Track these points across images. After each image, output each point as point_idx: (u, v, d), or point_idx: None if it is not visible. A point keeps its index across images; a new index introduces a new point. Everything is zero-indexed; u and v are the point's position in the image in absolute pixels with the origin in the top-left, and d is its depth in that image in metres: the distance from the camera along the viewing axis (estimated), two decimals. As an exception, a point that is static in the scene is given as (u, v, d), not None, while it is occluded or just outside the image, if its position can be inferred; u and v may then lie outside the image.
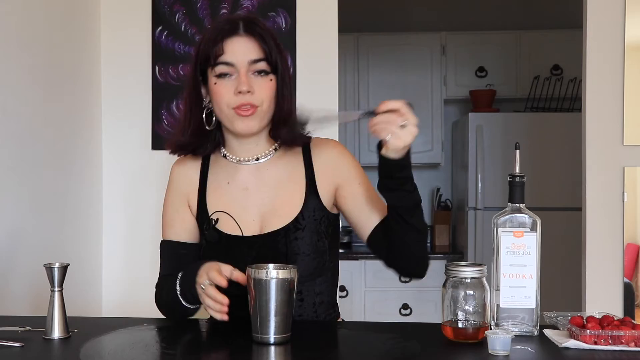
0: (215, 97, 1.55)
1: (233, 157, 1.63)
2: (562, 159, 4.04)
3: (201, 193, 1.64)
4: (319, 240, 1.58)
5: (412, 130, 1.37)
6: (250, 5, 2.76)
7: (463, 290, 1.33)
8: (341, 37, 2.89)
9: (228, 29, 1.54)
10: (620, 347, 1.27)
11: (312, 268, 1.57)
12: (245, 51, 1.53)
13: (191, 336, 1.47)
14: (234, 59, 1.53)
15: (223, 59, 1.53)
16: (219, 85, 1.54)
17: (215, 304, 1.39)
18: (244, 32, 1.54)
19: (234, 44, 1.53)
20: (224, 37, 1.53)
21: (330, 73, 2.77)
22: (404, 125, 1.36)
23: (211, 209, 1.61)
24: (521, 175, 1.40)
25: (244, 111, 1.53)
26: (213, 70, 1.54)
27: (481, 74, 4.57)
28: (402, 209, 1.48)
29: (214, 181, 1.64)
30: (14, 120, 2.14)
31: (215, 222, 1.60)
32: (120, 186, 2.83)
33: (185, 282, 1.50)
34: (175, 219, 1.66)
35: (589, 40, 2.70)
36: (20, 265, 2.14)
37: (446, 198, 4.81)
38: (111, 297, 2.82)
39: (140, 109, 2.81)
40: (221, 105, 1.55)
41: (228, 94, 1.53)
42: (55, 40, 2.43)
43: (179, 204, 1.66)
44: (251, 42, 1.54)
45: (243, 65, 1.53)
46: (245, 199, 1.61)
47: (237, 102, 1.52)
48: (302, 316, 1.59)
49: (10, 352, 1.31)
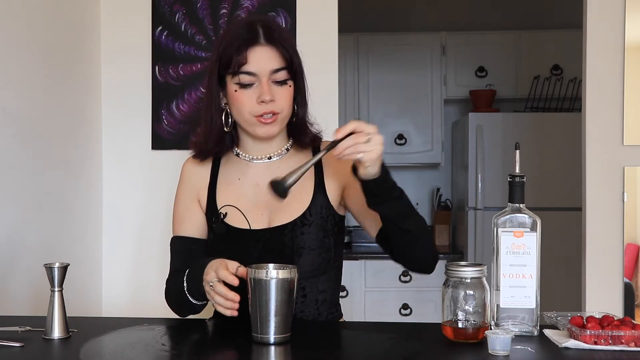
0: (236, 104, 1.58)
1: (246, 155, 1.66)
2: (562, 159, 4.04)
3: (211, 189, 1.67)
4: (325, 237, 1.60)
5: (377, 139, 1.39)
6: (250, 5, 2.76)
7: (463, 290, 1.33)
8: (341, 37, 2.89)
9: (250, 37, 1.55)
10: (620, 347, 1.27)
11: (317, 264, 1.59)
12: (267, 61, 1.55)
13: (191, 336, 1.47)
14: (256, 69, 1.55)
15: (246, 68, 1.55)
16: (240, 94, 1.56)
17: (226, 301, 1.40)
18: (265, 41, 1.55)
19: (256, 53, 1.55)
20: (247, 46, 1.54)
21: (330, 73, 2.77)
22: (368, 139, 1.38)
23: (220, 203, 1.65)
24: (521, 175, 1.40)
25: (266, 119, 1.56)
26: (234, 77, 1.56)
27: (481, 74, 4.57)
28: (394, 217, 1.49)
29: (226, 178, 1.67)
30: (14, 120, 2.14)
31: (224, 215, 1.62)
32: (120, 186, 2.83)
33: (193, 279, 1.52)
34: (186, 216, 1.68)
35: (589, 40, 2.70)
36: (20, 265, 2.14)
37: (446, 198, 4.81)
38: (111, 297, 2.82)
39: (140, 109, 2.81)
40: (243, 112, 1.57)
41: (250, 102, 1.56)
42: (55, 40, 2.43)
43: (190, 201, 1.69)
44: (273, 52, 1.56)
45: (265, 75, 1.55)
46: (256, 194, 1.63)
47: (259, 111, 1.56)
48: (304, 313, 1.60)
49: (10, 352, 1.31)
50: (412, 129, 4.64)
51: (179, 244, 1.68)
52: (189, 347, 1.40)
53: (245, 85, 1.55)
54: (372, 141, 1.38)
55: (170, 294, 1.65)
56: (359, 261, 4.35)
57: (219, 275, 1.40)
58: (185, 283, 1.54)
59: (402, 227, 1.49)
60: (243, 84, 1.55)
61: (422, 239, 1.55)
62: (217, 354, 1.39)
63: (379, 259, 4.38)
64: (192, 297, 1.54)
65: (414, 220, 1.51)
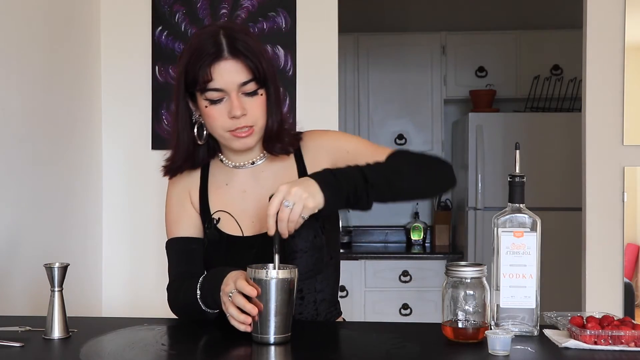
0: (208, 119, 1.55)
1: (230, 162, 1.65)
2: (562, 159, 4.04)
3: (203, 192, 1.65)
4: (315, 236, 1.57)
5: (298, 197, 1.35)
6: (250, 5, 2.76)
7: (463, 290, 1.33)
8: (341, 37, 2.90)
9: (212, 52, 1.50)
10: (620, 347, 1.27)
11: (310, 265, 1.57)
12: (233, 75, 1.51)
13: (191, 336, 1.47)
14: (223, 85, 1.51)
15: (212, 85, 1.50)
16: (211, 109, 1.53)
17: (240, 314, 1.35)
18: (229, 54, 1.50)
19: (220, 68, 1.50)
20: (211, 62, 1.50)
21: (330, 73, 2.77)
22: (288, 205, 1.36)
23: (213, 208, 1.63)
24: (521, 175, 1.40)
25: (241, 133, 1.54)
26: (202, 94, 1.53)
27: (481, 74, 4.57)
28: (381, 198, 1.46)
29: (215, 182, 1.65)
30: (14, 120, 2.14)
31: (217, 221, 1.61)
32: (120, 186, 2.83)
33: (208, 287, 1.48)
34: (181, 215, 1.65)
35: (589, 40, 2.70)
36: (20, 265, 2.14)
37: (446, 198, 4.81)
38: (111, 297, 2.82)
39: (140, 109, 2.81)
40: (216, 128, 1.55)
41: (222, 117, 1.52)
42: (55, 40, 2.43)
43: (183, 200, 1.66)
44: (238, 64, 1.51)
45: (233, 89, 1.51)
46: (244, 201, 1.62)
47: (232, 126, 1.53)
48: (303, 314, 1.59)
49: (10, 352, 1.31)
50: (412, 128, 4.64)
51: (177, 245, 1.64)
52: (189, 347, 1.40)
53: (215, 101, 1.52)
54: (296, 203, 1.36)
55: (176, 302, 1.59)
56: (359, 261, 4.34)
57: (237, 285, 1.36)
58: (199, 290, 1.49)
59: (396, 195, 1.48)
60: (212, 100, 1.52)
61: (422, 179, 1.52)
62: (217, 354, 1.38)
63: (379, 259, 4.38)
64: (204, 305, 1.49)
65: (397, 179, 1.48)
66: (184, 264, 1.62)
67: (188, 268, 1.60)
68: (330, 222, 1.64)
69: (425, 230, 4.73)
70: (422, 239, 4.71)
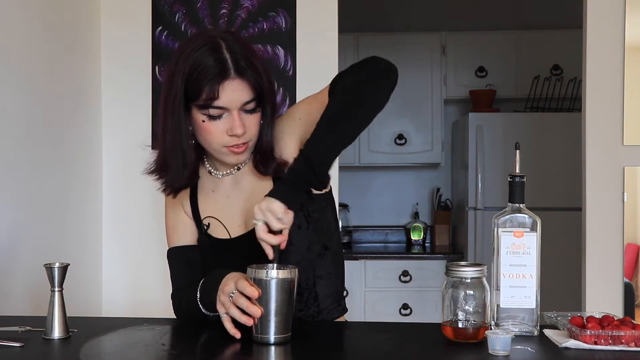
0: (203, 134, 1.53)
1: (217, 172, 1.64)
2: (562, 159, 4.05)
3: (193, 199, 1.66)
4: (299, 227, 1.56)
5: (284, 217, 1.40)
6: (250, 5, 2.76)
7: (463, 290, 1.33)
8: (341, 37, 2.89)
9: (219, 71, 1.47)
10: (620, 347, 1.27)
11: (299, 257, 1.56)
12: (239, 94, 1.49)
13: (191, 336, 1.47)
14: (228, 104, 1.49)
15: (217, 103, 1.48)
16: (209, 125, 1.51)
17: (242, 315, 1.34)
18: (235, 73, 1.48)
19: (227, 88, 1.48)
20: (218, 81, 1.47)
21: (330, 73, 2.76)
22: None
23: (202, 214, 1.65)
24: (521, 175, 1.40)
25: (237, 149, 1.53)
26: (202, 109, 1.50)
27: (481, 74, 4.57)
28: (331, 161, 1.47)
29: (202, 189, 1.67)
30: (14, 120, 2.14)
31: (207, 227, 1.63)
32: (120, 186, 2.83)
33: (206, 290, 1.48)
34: (177, 225, 1.68)
35: (589, 40, 2.70)
36: (20, 265, 2.14)
37: (446, 198, 4.81)
38: (111, 297, 2.82)
39: (140, 108, 2.81)
40: (212, 143, 1.54)
41: (220, 133, 1.51)
42: (55, 40, 2.43)
43: (177, 209, 1.68)
44: (243, 84, 1.49)
45: (236, 108, 1.50)
46: (229, 206, 1.63)
47: (230, 142, 1.52)
48: (303, 311, 1.59)
49: (10, 352, 1.31)
50: (412, 129, 4.64)
51: (176, 254, 1.66)
52: (189, 347, 1.40)
53: (214, 117, 1.50)
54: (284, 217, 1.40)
55: (180, 309, 1.60)
56: (359, 261, 4.35)
57: (238, 286, 1.35)
58: (199, 293, 1.50)
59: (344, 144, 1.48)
60: (213, 116, 1.50)
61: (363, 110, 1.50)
62: (217, 354, 1.38)
63: (379, 259, 4.38)
64: (203, 307, 1.49)
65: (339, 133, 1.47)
66: (184, 272, 1.64)
67: (188, 276, 1.61)
68: (316, 209, 1.62)
69: (425, 230, 4.74)
70: (422, 239, 4.71)
